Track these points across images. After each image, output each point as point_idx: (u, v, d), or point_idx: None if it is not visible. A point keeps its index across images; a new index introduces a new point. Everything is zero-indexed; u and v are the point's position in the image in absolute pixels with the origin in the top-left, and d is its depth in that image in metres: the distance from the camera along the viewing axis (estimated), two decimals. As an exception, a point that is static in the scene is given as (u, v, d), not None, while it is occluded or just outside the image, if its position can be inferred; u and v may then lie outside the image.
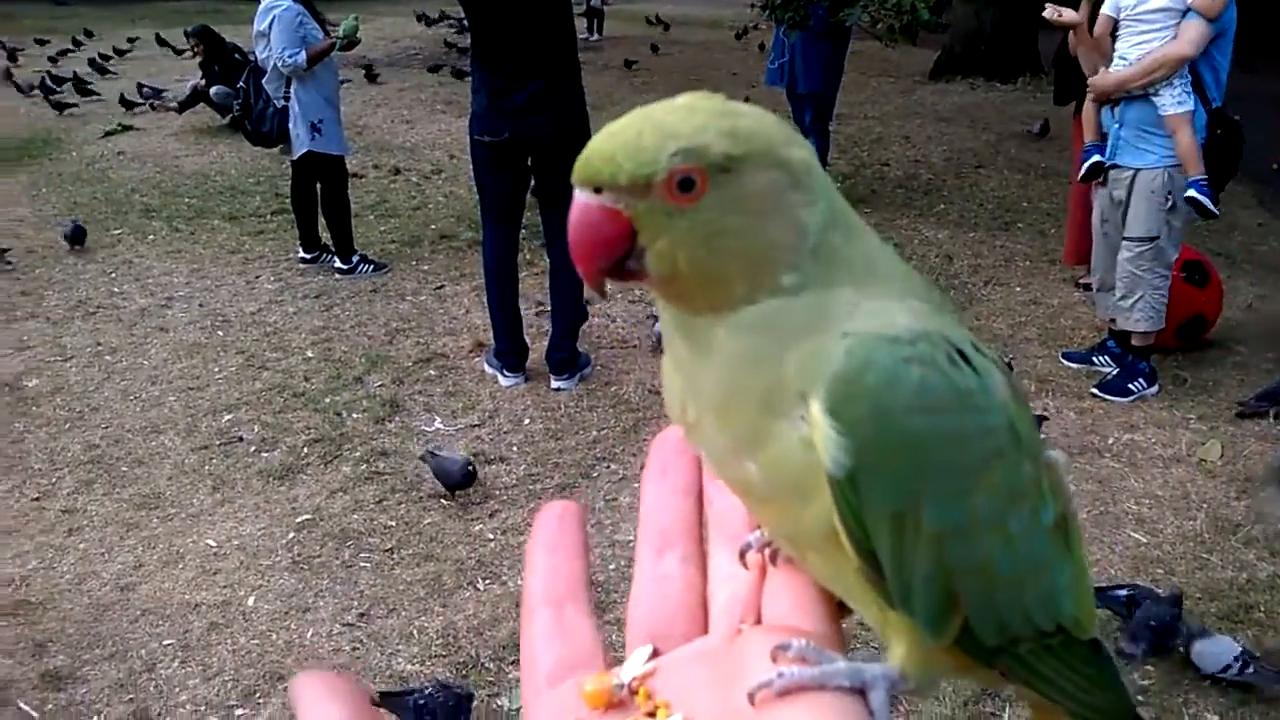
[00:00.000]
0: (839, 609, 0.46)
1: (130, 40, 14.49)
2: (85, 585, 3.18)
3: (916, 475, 0.40)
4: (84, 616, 3.04)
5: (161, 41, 14.15)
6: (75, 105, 9.96)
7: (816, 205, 0.42)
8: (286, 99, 5.45)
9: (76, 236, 6.01)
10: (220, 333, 4.99)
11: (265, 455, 3.92)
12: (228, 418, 4.19)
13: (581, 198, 0.42)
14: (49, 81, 10.77)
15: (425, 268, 5.85)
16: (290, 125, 5.46)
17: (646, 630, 0.46)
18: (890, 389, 0.39)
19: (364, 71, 11.54)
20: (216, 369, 4.61)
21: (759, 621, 0.44)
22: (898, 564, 0.41)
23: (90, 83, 11.04)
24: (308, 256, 5.86)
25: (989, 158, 8.13)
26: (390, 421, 4.14)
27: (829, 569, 0.44)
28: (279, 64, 5.33)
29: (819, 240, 0.41)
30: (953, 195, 7.09)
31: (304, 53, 5.29)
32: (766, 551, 0.46)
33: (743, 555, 0.46)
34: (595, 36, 14.77)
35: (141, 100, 10.16)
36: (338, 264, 5.71)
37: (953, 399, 0.40)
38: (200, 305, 5.30)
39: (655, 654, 0.44)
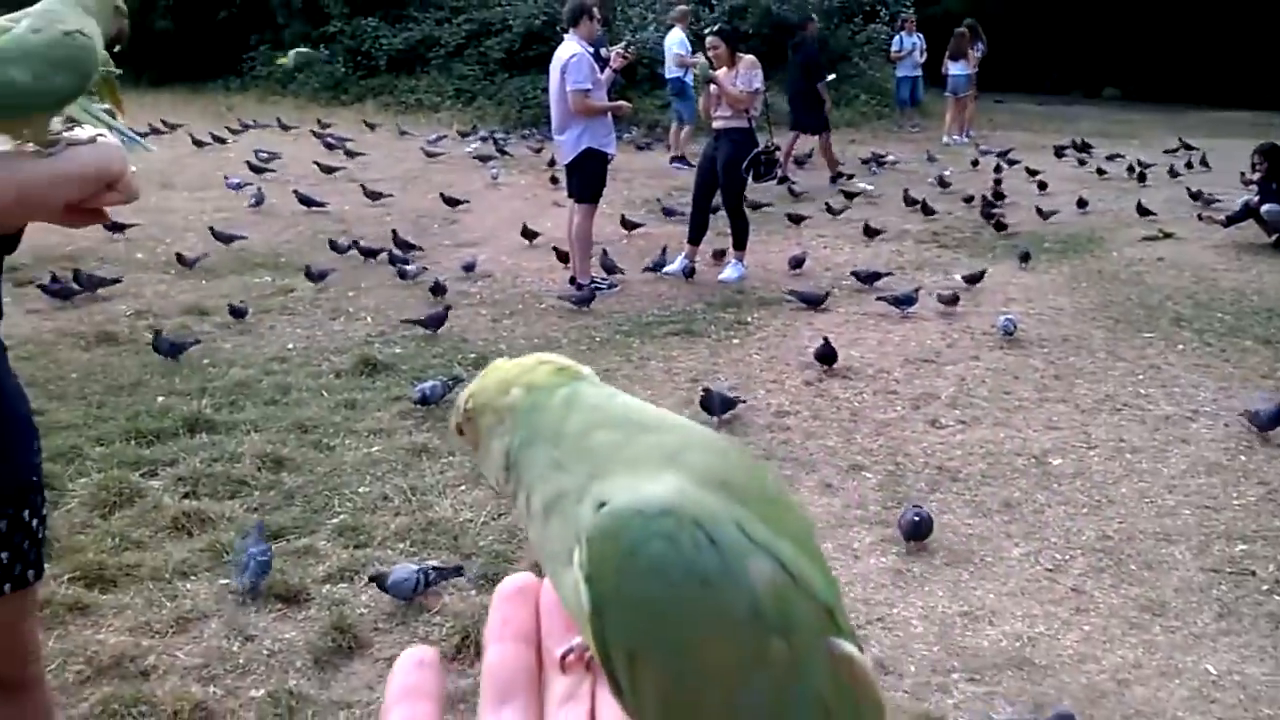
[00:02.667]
0: None
1: (1170, 151, 14.71)
2: (1084, 666, 3.35)
3: (645, 629, 0.45)
4: (1080, 694, 3.20)
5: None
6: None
7: (514, 434, 0.51)
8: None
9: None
10: (1243, 458, 4.83)
11: (1278, 598, 3.71)
12: (1241, 548, 4.04)
13: None
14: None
15: None
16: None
17: None
18: (630, 557, 0.44)
19: None
20: (1234, 494, 4.48)
21: None
22: (633, 692, 0.45)
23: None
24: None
25: None
26: None
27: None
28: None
29: (515, 459, 0.51)
30: None
31: None
32: (587, 655, 0.51)
33: (563, 659, 0.52)
34: None
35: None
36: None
37: (679, 576, 0.44)
38: (1225, 425, 5.18)
39: None
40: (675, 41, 12.75)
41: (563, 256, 7.97)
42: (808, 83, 12.31)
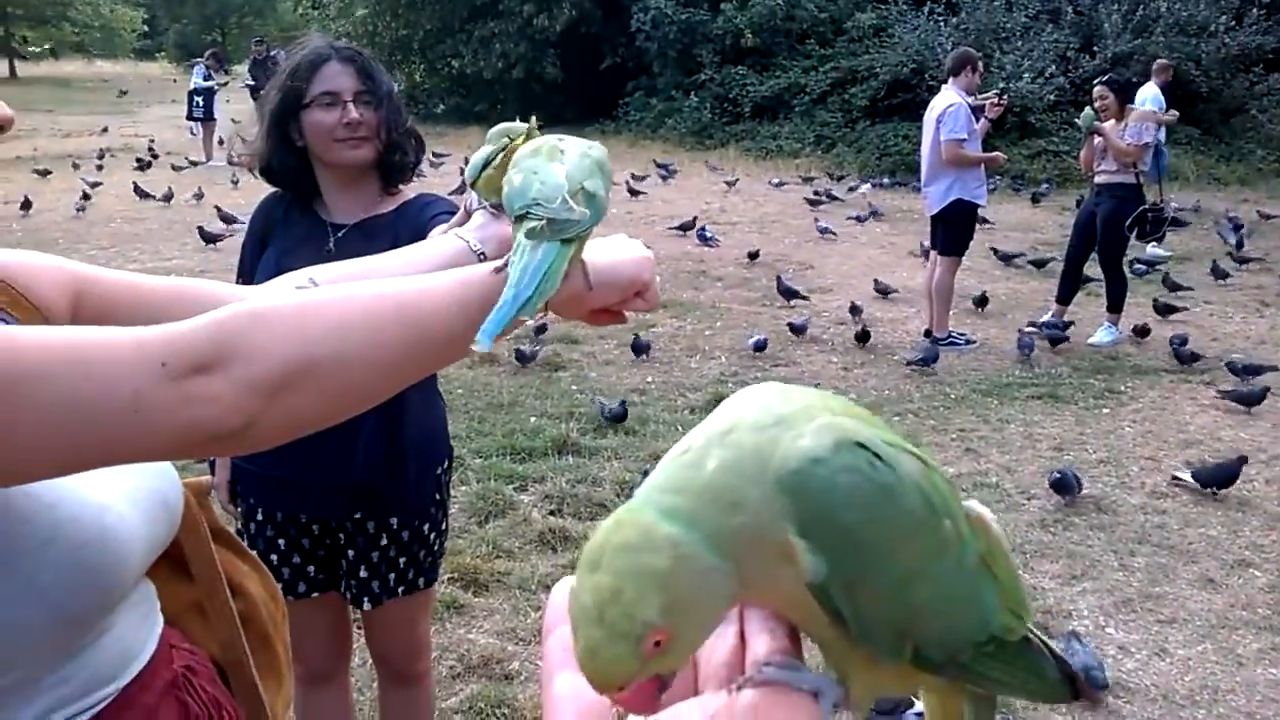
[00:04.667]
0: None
1: None
2: None
3: (858, 554, 0.49)
4: None
5: None
6: None
7: (685, 545, 0.48)
8: None
9: None
10: None
11: None
12: None
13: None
14: None
15: None
16: None
17: None
18: (826, 498, 0.48)
19: None
20: None
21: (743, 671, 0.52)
22: (856, 616, 0.50)
23: None
24: None
25: None
26: None
27: (808, 622, 0.52)
28: None
29: (708, 537, 0.49)
30: None
31: None
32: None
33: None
34: None
35: None
36: None
37: (873, 494, 0.49)
38: None
39: None
40: (1149, 97, 10.71)
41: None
42: None
